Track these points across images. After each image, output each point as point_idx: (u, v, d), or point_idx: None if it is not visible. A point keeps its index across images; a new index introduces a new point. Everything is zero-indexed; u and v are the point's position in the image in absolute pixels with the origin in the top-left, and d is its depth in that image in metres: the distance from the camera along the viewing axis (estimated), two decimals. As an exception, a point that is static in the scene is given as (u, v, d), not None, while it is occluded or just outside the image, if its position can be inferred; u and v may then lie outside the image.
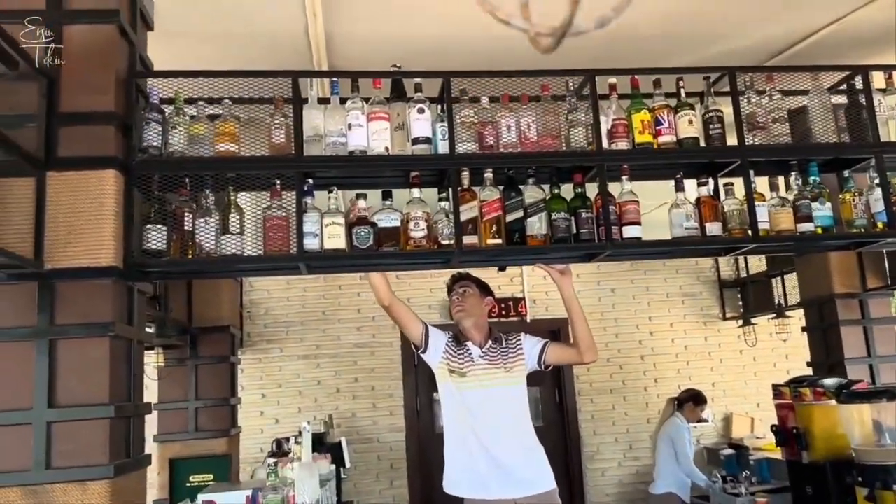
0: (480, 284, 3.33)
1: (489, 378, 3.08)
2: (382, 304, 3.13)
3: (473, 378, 3.08)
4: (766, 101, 2.97)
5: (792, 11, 3.44)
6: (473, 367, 3.10)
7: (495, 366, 3.10)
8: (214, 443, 4.40)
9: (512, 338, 3.23)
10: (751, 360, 7.24)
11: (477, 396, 3.06)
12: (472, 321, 3.19)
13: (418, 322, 3.18)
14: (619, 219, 2.79)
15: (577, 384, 7.11)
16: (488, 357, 3.12)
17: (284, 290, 6.81)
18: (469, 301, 3.20)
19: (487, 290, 3.36)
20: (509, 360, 3.12)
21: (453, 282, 3.30)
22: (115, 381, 2.33)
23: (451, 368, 3.11)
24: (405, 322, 3.17)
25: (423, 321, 3.21)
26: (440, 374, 3.16)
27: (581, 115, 2.83)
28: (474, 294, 3.24)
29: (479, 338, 3.18)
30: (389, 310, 3.14)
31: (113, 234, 2.36)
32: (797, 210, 2.88)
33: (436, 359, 3.16)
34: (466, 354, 3.13)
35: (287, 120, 2.67)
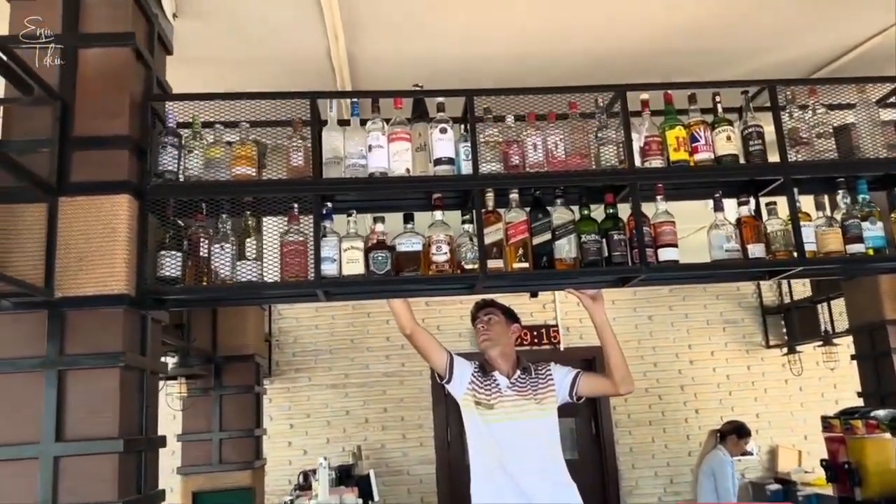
0: (506, 311, 3.19)
1: (518, 410, 2.92)
2: (404, 332, 2.99)
3: (501, 410, 2.92)
4: (810, 115, 2.80)
5: (833, 23, 3.29)
6: (501, 398, 2.94)
7: (524, 397, 2.94)
8: (238, 475, 4.29)
9: (541, 367, 3.06)
10: (797, 389, 6.93)
11: (505, 429, 2.89)
12: (499, 350, 3.05)
13: (442, 351, 3.03)
14: (654, 241, 2.64)
15: (614, 415, 6.87)
16: (517, 388, 2.96)
17: (313, 317, 6.74)
18: (495, 329, 3.07)
19: (514, 317, 3.21)
20: (539, 391, 2.96)
21: (477, 309, 3.17)
22: (126, 413, 2.24)
23: (477, 400, 2.94)
24: (429, 351, 3.03)
25: (448, 350, 3.06)
26: (466, 406, 2.99)
27: (611, 133, 2.70)
28: (500, 322, 3.10)
29: (507, 367, 3.02)
30: (412, 338, 3.00)
31: (124, 260, 2.29)
32: (846, 230, 2.69)
33: (461, 390, 2.99)
34: (494, 385, 2.97)
35: (305, 142, 2.59)
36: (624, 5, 3.02)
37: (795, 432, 6.79)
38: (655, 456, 6.78)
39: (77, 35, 2.42)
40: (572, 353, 6.64)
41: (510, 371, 3.01)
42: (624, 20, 3.14)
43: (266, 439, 6.10)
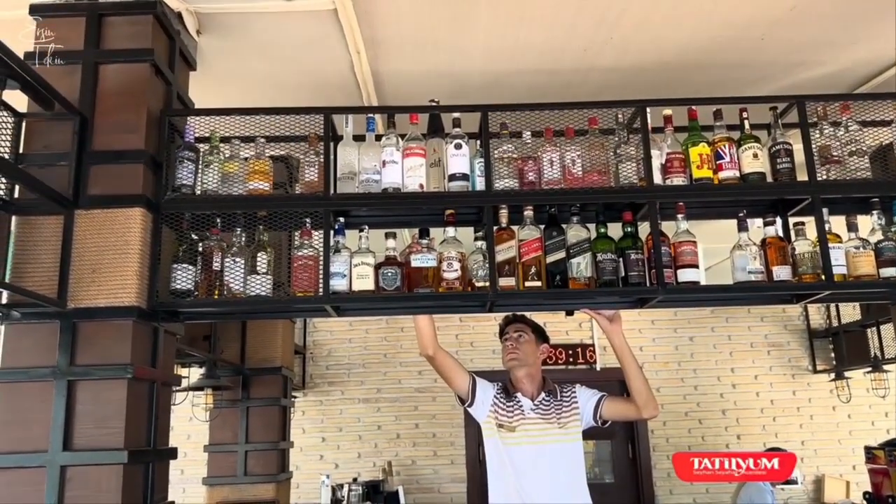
0: (536, 329, 3.00)
1: (542, 434, 2.79)
2: (426, 352, 2.85)
3: (523, 433, 2.79)
4: (842, 132, 2.69)
5: (874, 37, 3.14)
6: (524, 420, 2.81)
7: (548, 420, 2.81)
8: (263, 488, 4.30)
9: (566, 389, 2.92)
10: (845, 417, 6.63)
11: (527, 454, 2.76)
12: (525, 371, 2.90)
13: (464, 373, 2.91)
14: (673, 261, 2.56)
15: (651, 439, 6.68)
16: (541, 411, 2.83)
17: (347, 331, 6.76)
18: (524, 348, 2.90)
19: (544, 336, 3.03)
20: (563, 415, 2.82)
21: (507, 323, 3.01)
22: (132, 424, 2.26)
23: (499, 423, 2.82)
24: (451, 374, 2.89)
25: (470, 372, 2.94)
26: (487, 430, 2.85)
27: (632, 149, 2.64)
28: (530, 340, 2.93)
29: (532, 389, 2.89)
30: (433, 360, 2.88)
31: (136, 273, 2.32)
32: (879, 253, 2.56)
33: (483, 413, 2.87)
34: (517, 407, 2.84)
35: (320, 157, 2.60)
36: (650, 19, 2.94)
37: (843, 462, 6.49)
38: (695, 483, 6.56)
39: (98, 51, 2.48)
40: (608, 374, 6.49)
41: (535, 393, 2.88)
42: (651, 34, 3.06)
43: (298, 452, 6.14)
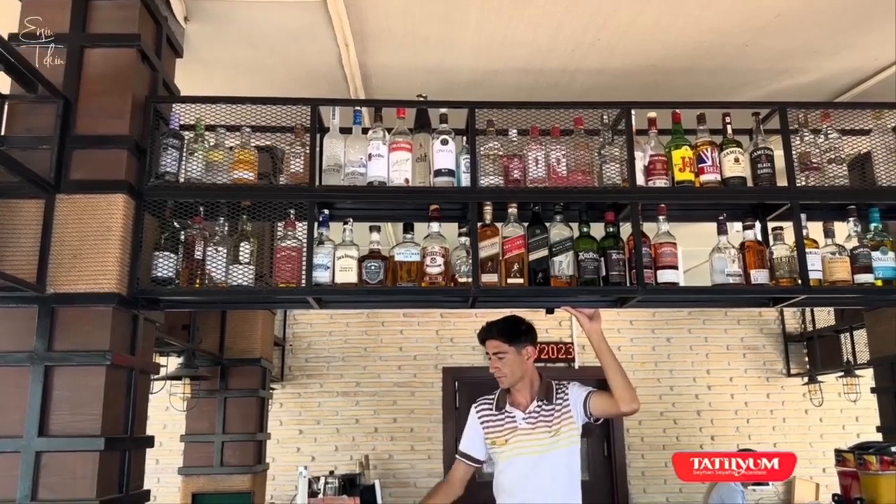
0: (512, 336, 2.75)
1: (534, 444, 2.68)
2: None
3: (514, 445, 2.69)
4: (822, 140, 2.73)
5: (856, 47, 3.19)
6: (515, 433, 2.70)
7: (538, 430, 2.69)
8: (239, 479, 4.28)
9: (560, 391, 2.76)
10: (817, 420, 6.74)
11: (518, 465, 2.68)
12: (517, 383, 2.75)
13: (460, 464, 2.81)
14: (653, 261, 2.58)
15: (627, 438, 6.74)
16: (531, 420, 2.71)
17: (327, 324, 6.75)
18: (507, 367, 2.72)
19: (525, 337, 2.77)
20: (555, 421, 2.69)
21: (481, 342, 2.83)
22: (110, 411, 2.25)
23: (492, 440, 2.74)
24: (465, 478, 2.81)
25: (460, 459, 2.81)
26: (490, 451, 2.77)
27: (616, 151, 2.66)
28: (508, 353, 2.72)
29: (526, 398, 2.75)
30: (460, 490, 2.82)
31: (117, 259, 2.30)
32: (855, 259, 2.61)
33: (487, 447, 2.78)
34: (508, 421, 2.73)
35: (305, 149, 2.60)
36: (637, 22, 2.97)
37: (814, 464, 6.58)
38: (668, 481, 6.62)
39: (84, 35, 2.46)
40: (587, 372, 6.53)
41: (528, 402, 2.74)
42: (637, 37, 3.09)
43: (275, 444, 6.12)
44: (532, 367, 2.78)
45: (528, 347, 2.76)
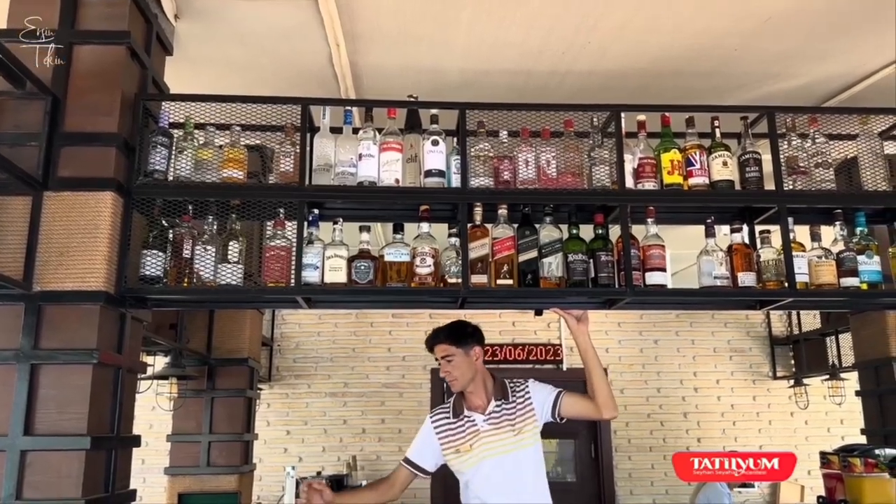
0: (460, 338, 2.69)
1: (499, 445, 2.61)
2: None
3: (480, 449, 2.61)
4: (809, 144, 2.76)
5: (844, 52, 3.23)
6: (479, 437, 2.61)
7: (502, 430, 2.63)
8: (225, 479, 4.26)
9: (519, 389, 2.71)
10: (802, 423, 6.78)
11: (485, 468, 2.60)
12: (469, 385, 2.69)
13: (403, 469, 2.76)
14: (641, 264, 2.60)
15: (614, 439, 6.76)
16: (493, 420, 2.64)
17: (316, 324, 6.73)
18: (456, 370, 2.66)
19: (472, 338, 2.72)
20: (518, 420, 2.64)
21: (429, 348, 2.77)
22: (96, 410, 2.23)
23: (456, 449, 2.63)
24: (407, 482, 2.76)
25: (404, 465, 2.76)
26: (448, 460, 2.66)
27: (605, 153, 2.67)
28: (456, 356, 2.66)
29: (482, 399, 2.69)
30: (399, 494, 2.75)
31: (105, 257, 2.29)
32: (841, 263, 2.63)
33: (439, 454, 2.69)
34: (469, 426, 2.64)
35: (296, 148, 2.59)
36: (628, 25, 2.99)
37: (799, 466, 6.52)
38: (654, 483, 6.66)
39: (73, 32, 2.45)
40: (575, 374, 6.54)
41: (486, 403, 2.68)
42: (628, 40, 3.10)
43: (262, 444, 6.10)
44: (482, 368, 2.73)
45: (476, 348, 2.71)
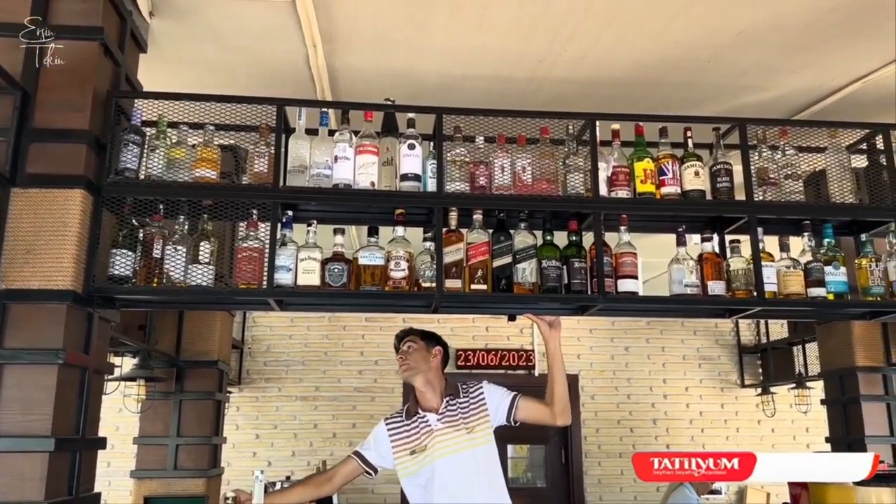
0: (426, 336, 2.82)
1: (452, 443, 2.61)
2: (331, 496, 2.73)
3: (434, 448, 2.61)
4: (780, 156, 2.80)
5: (814, 67, 3.29)
6: (433, 436, 2.62)
7: (456, 428, 2.63)
8: (192, 483, 4.20)
9: (473, 388, 2.73)
10: (769, 430, 6.89)
11: (440, 467, 2.59)
12: (422, 378, 2.70)
13: (350, 461, 2.73)
14: (614, 271, 2.62)
15: (584, 445, 6.81)
16: (447, 419, 2.64)
17: (288, 327, 6.68)
18: (413, 357, 2.71)
19: (436, 340, 2.84)
20: (470, 419, 2.64)
21: (398, 340, 2.83)
22: (61, 411, 2.19)
23: (411, 450, 2.63)
24: (350, 477, 2.74)
25: (352, 455, 2.75)
26: (401, 468, 2.64)
27: (580, 161, 2.69)
28: (418, 348, 2.74)
29: (435, 398, 2.69)
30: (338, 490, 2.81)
31: (73, 256, 2.25)
32: (808, 273, 2.68)
33: (390, 457, 2.67)
34: (423, 426, 2.65)
35: (270, 148, 2.57)
36: (604, 35, 3.02)
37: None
38: (623, 489, 6.71)
39: (45, 26, 2.40)
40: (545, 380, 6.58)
41: (438, 402, 2.68)
42: (603, 49, 3.13)
43: (230, 448, 6.02)
44: (438, 370, 2.76)
45: (437, 348, 2.78)
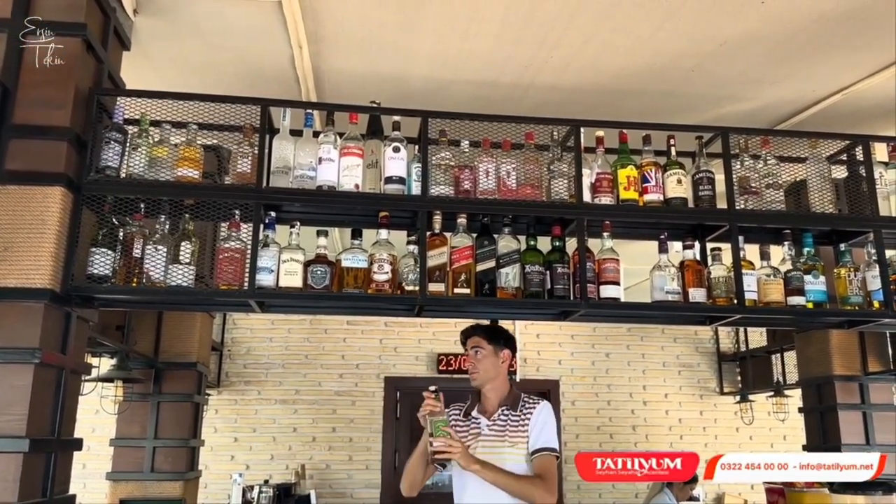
0: (493, 336, 2.70)
1: (492, 451, 2.58)
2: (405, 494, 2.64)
3: (476, 452, 2.57)
4: (761, 165, 2.84)
5: (796, 78, 3.33)
6: (479, 438, 2.62)
7: (501, 438, 2.60)
8: (169, 485, 4.15)
9: (529, 405, 2.62)
10: (747, 438, 6.94)
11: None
12: (490, 385, 2.66)
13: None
14: (596, 277, 2.63)
15: (564, 451, 6.80)
16: (496, 428, 2.62)
17: (268, 329, 6.63)
18: (482, 364, 2.63)
19: (504, 341, 2.71)
20: (517, 433, 2.58)
21: (465, 337, 2.74)
22: (36, 412, 2.16)
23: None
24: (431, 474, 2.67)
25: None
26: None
27: (564, 167, 2.71)
28: (487, 353, 2.64)
29: (494, 404, 2.66)
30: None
31: (52, 254, 2.22)
32: (788, 282, 2.71)
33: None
34: (474, 427, 2.66)
35: (254, 149, 2.56)
36: (589, 42, 3.03)
37: (743, 481, 6.79)
38: (602, 496, 6.72)
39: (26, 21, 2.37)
40: (527, 385, 6.59)
41: (495, 408, 2.65)
42: (589, 57, 3.15)
43: (208, 451, 5.96)
44: (505, 374, 2.70)
45: (506, 351, 2.69)
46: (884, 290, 2.69)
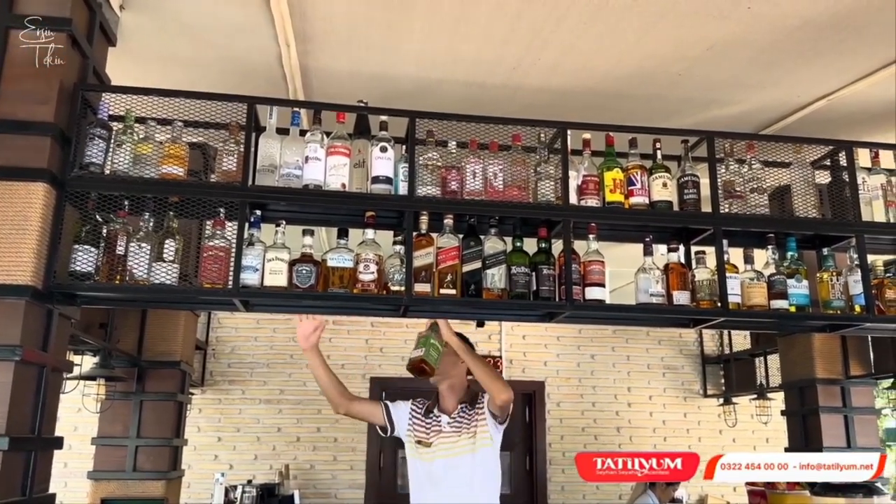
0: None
1: (454, 446, 2.76)
2: (337, 411, 2.84)
3: (437, 448, 2.77)
4: (746, 170, 2.86)
5: (781, 83, 3.36)
6: (440, 435, 2.78)
7: (460, 433, 2.76)
8: (152, 485, 4.12)
9: (483, 397, 2.81)
10: (730, 440, 6.99)
11: (440, 467, 2.75)
12: (448, 383, 2.84)
13: (377, 406, 2.90)
14: (582, 279, 2.64)
15: (549, 452, 6.83)
16: (455, 424, 2.78)
17: (253, 329, 6.60)
18: (443, 361, 2.73)
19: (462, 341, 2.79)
20: (475, 424, 2.76)
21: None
22: (16, 410, 2.13)
23: (417, 439, 2.81)
24: (367, 415, 2.91)
25: (382, 401, 2.93)
26: (408, 447, 2.86)
27: (551, 169, 2.72)
28: (448, 352, 2.75)
29: (454, 402, 2.83)
30: (348, 414, 2.88)
31: (33, 250, 2.20)
32: (771, 286, 2.73)
33: (403, 431, 2.86)
34: (434, 423, 2.81)
35: (240, 147, 2.54)
36: (577, 45, 3.04)
37: (725, 482, 6.83)
38: (586, 497, 6.74)
39: (10, 15, 2.35)
40: (516, 386, 6.54)
41: (454, 407, 2.82)
42: (577, 59, 3.16)
43: (191, 450, 5.92)
44: (462, 376, 2.87)
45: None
46: (865, 295, 2.71)
